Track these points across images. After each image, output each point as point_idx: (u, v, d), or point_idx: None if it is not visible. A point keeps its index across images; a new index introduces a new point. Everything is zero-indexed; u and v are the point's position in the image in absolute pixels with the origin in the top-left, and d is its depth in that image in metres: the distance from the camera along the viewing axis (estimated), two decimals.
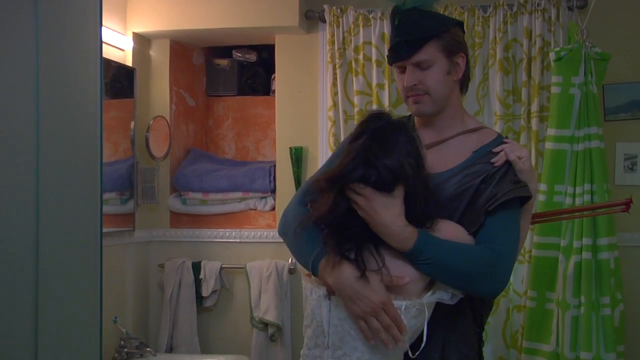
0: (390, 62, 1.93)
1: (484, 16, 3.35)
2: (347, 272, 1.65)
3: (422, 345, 1.69)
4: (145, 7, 3.57)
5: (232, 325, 3.69)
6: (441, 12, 3.38)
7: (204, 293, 3.62)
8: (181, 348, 3.58)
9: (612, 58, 3.14)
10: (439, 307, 1.73)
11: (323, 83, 3.57)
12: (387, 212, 1.65)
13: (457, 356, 1.81)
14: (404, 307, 1.65)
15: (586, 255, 2.96)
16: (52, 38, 1.31)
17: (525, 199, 1.82)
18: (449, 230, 1.72)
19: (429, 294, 1.70)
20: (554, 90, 3.08)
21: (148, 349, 3.31)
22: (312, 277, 1.78)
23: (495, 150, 1.87)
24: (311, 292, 1.75)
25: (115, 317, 3.27)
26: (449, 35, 1.87)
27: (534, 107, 3.26)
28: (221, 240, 3.73)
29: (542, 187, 3.08)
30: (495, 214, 1.75)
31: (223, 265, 3.65)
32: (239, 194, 3.69)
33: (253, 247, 3.69)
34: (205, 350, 3.65)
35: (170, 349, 3.60)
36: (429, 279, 1.71)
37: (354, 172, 1.66)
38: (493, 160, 1.84)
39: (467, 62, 1.93)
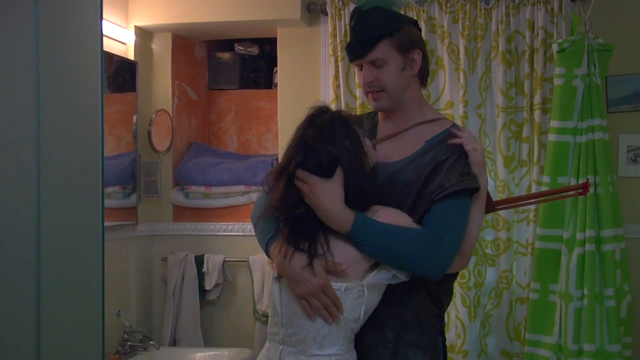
0: (351, 60, 2.02)
1: (486, 8, 3.34)
2: (295, 259, 1.78)
3: (359, 324, 1.81)
4: (147, 1, 3.56)
5: (235, 319, 3.70)
6: (443, 5, 3.37)
7: (207, 286, 3.63)
8: (184, 341, 3.59)
9: (615, 49, 3.13)
10: (391, 285, 1.84)
11: (325, 76, 3.56)
12: (327, 196, 1.77)
13: (413, 335, 1.90)
14: (344, 288, 1.78)
15: (589, 247, 2.96)
16: (53, 32, 1.31)
17: (474, 190, 1.90)
18: (389, 216, 1.82)
19: (371, 274, 1.80)
20: (557, 81, 3.07)
21: (151, 342, 3.31)
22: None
23: (454, 132, 1.96)
24: (269, 275, 1.89)
25: (119, 311, 3.28)
26: (402, 34, 1.96)
27: (537, 99, 3.26)
28: (224, 233, 3.73)
29: (545, 179, 3.08)
30: (441, 202, 1.84)
31: (226, 259, 3.65)
32: (241, 187, 3.70)
33: (256, 240, 3.66)
34: (208, 343, 3.66)
35: (174, 342, 3.60)
36: (374, 261, 1.81)
37: (294, 158, 1.80)
38: (450, 141, 1.93)
39: (425, 58, 2.02)
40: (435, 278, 1.87)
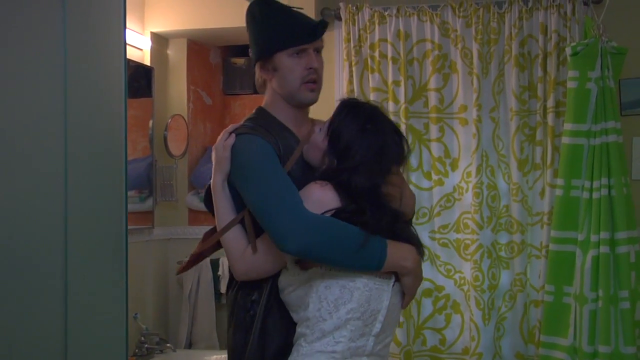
0: (299, 43, 1.85)
1: (500, 12, 3.35)
2: (416, 255, 1.79)
3: None
4: (162, 7, 3.61)
5: None
6: (456, 9, 3.39)
7: (223, 289, 3.65)
8: (200, 344, 3.62)
9: (629, 52, 3.13)
10: None
11: (339, 80, 3.58)
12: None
13: None
14: None
15: (604, 249, 2.96)
16: (79, 41, 1.34)
17: None
18: None
19: None
20: (571, 85, 3.08)
21: (168, 344, 3.34)
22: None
23: None
24: (367, 284, 1.72)
25: (136, 314, 3.31)
26: None
27: (550, 103, 3.26)
28: None
29: (559, 181, 3.09)
30: None
31: None
32: None
33: None
34: (224, 345, 3.67)
35: (190, 345, 3.63)
36: None
37: (403, 150, 1.81)
38: None
39: None
40: None
